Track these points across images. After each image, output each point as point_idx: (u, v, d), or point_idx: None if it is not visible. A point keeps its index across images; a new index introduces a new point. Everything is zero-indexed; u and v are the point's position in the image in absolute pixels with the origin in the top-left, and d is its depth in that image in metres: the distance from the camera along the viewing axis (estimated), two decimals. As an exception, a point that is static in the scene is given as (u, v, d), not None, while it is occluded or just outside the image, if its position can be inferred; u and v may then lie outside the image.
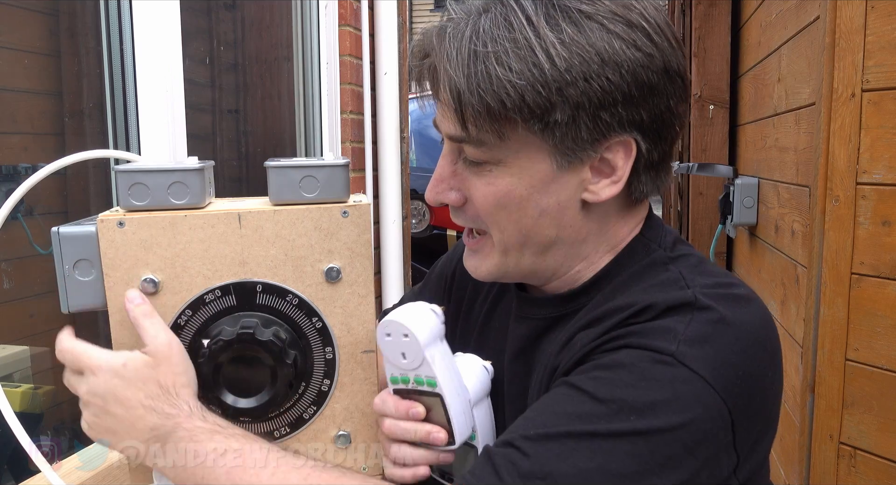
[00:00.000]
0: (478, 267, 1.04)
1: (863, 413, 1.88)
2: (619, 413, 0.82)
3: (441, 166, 1.00)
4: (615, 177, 0.95)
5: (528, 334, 1.07)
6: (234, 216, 0.99)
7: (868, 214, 1.84)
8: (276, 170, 1.01)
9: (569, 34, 0.87)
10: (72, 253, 0.96)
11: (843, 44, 1.85)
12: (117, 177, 0.97)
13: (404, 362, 0.99)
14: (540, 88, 0.87)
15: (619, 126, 0.91)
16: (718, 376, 0.84)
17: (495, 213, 0.96)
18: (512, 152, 0.92)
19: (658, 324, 0.88)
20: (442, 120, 0.97)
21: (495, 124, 0.89)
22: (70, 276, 0.97)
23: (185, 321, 1.00)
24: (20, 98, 2.11)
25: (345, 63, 2.97)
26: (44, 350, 2.14)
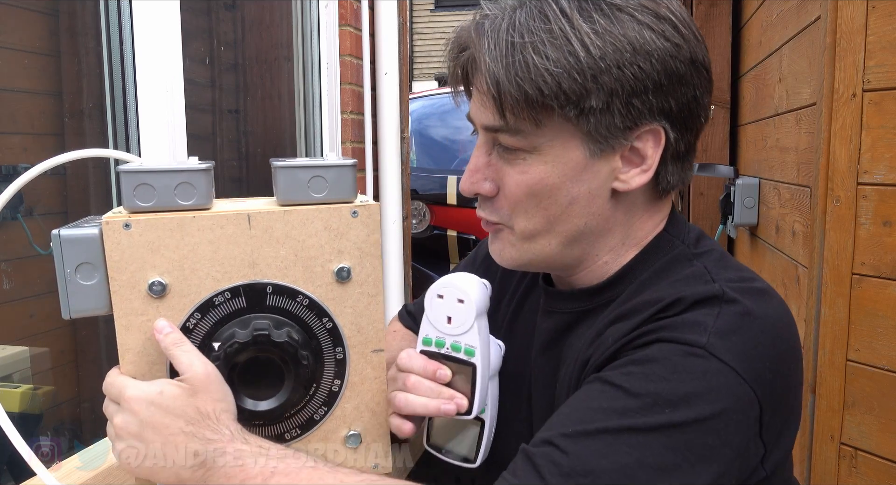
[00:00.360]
0: (502, 251, 1.06)
1: (864, 414, 1.88)
2: (654, 406, 0.84)
3: (476, 157, 1.02)
4: (645, 165, 0.98)
5: (555, 328, 1.09)
6: (244, 217, 0.98)
7: (869, 215, 1.84)
8: (284, 170, 1.01)
9: (601, 25, 0.91)
10: (74, 256, 0.94)
11: (844, 44, 1.85)
12: (121, 177, 0.95)
13: (448, 326, 1.02)
14: (576, 75, 0.91)
15: (650, 114, 0.95)
16: (748, 367, 0.86)
17: (526, 201, 0.99)
18: (547, 140, 0.96)
19: (687, 317, 0.90)
20: (478, 111, 1.00)
21: (533, 112, 0.93)
22: (72, 280, 0.94)
23: (194, 325, 0.98)
24: (20, 98, 2.11)
25: (345, 63, 2.97)
26: (43, 351, 2.14)
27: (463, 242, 5.21)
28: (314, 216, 1.01)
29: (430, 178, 5.38)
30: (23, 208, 2.07)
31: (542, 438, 0.87)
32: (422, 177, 5.35)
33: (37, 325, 2.13)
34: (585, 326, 1.04)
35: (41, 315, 2.10)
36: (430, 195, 5.31)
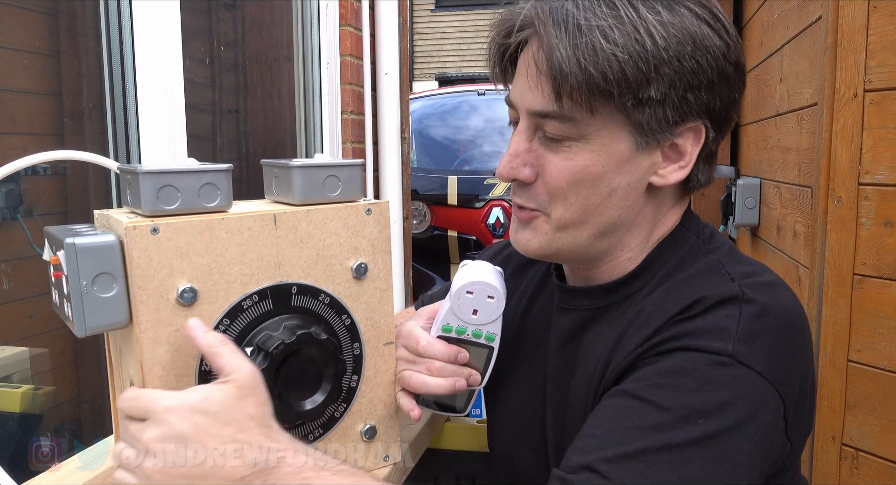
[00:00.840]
0: (530, 240, 1.05)
1: (865, 414, 1.88)
2: (689, 419, 0.84)
3: (517, 142, 1.01)
4: (683, 162, 1.00)
5: (571, 325, 1.09)
6: (270, 217, 0.97)
7: (870, 215, 1.83)
8: (303, 169, 1.01)
9: (665, 16, 0.92)
10: (91, 267, 0.87)
11: (845, 44, 1.85)
12: (142, 179, 0.89)
13: (473, 317, 1.08)
14: (641, 63, 0.91)
15: (697, 111, 0.96)
16: (774, 369, 0.88)
17: (567, 188, 0.99)
18: (596, 129, 0.96)
19: (709, 322, 0.90)
20: (525, 95, 0.99)
21: (591, 97, 0.93)
22: (89, 293, 0.87)
23: (223, 331, 0.95)
24: (20, 98, 2.11)
25: (345, 63, 2.97)
26: (43, 351, 2.14)
27: (463, 242, 5.21)
28: (334, 215, 1.02)
29: (430, 178, 5.38)
30: (22, 209, 2.06)
31: (579, 463, 0.85)
32: (422, 177, 5.35)
33: (36, 325, 2.12)
34: (604, 324, 1.04)
35: (41, 316, 2.10)
36: (431, 196, 5.31)
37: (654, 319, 0.95)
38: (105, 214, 0.95)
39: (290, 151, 2.98)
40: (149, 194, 0.90)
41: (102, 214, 0.96)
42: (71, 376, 2.21)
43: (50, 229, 0.92)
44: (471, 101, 5.91)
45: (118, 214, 0.94)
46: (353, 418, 1.08)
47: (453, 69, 14.08)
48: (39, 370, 2.14)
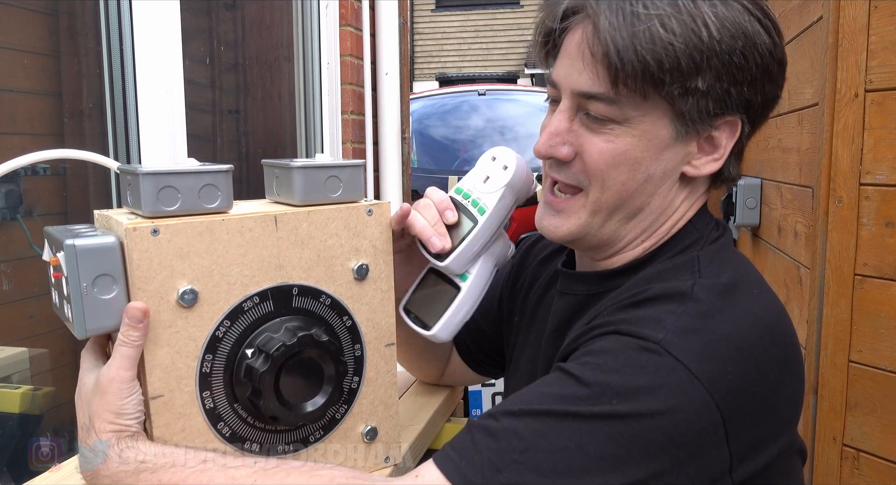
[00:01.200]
0: (559, 227, 1.05)
1: (866, 415, 1.87)
2: (602, 396, 0.83)
3: (558, 121, 1.01)
4: (717, 154, 1.01)
5: (565, 310, 1.11)
6: (271, 218, 0.96)
7: (871, 215, 1.83)
8: (304, 170, 1.00)
9: (720, 9, 0.93)
10: (91, 269, 0.86)
11: (847, 44, 1.84)
12: (142, 180, 0.88)
13: (481, 184, 1.10)
14: (695, 54, 0.92)
15: (737, 105, 0.97)
16: (705, 369, 0.84)
17: (606, 170, 0.99)
18: (641, 114, 0.96)
19: (648, 312, 0.90)
20: (572, 76, 0.99)
21: (645, 84, 0.93)
22: (89, 295, 0.86)
23: (224, 333, 0.94)
24: (20, 98, 2.11)
25: (345, 63, 2.97)
26: (43, 352, 2.14)
27: (464, 242, 5.20)
28: (335, 216, 1.01)
29: (430, 178, 5.38)
30: (22, 209, 2.06)
31: (487, 412, 0.88)
32: (423, 177, 5.34)
33: (36, 326, 2.12)
34: (594, 312, 1.04)
35: (40, 316, 2.10)
36: (431, 196, 5.30)
37: (605, 306, 0.97)
38: (105, 215, 0.94)
39: (291, 151, 2.98)
40: (149, 195, 0.89)
41: (102, 215, 0.95)
42: (71, 376, 2.19)
43: (50, 230, 0.91)
44: (471, 102, 5.91)
45: (118, 214, 0.93)
46: (353, 420, 1.08)
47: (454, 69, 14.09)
48: (39, 371, 2.13)
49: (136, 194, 0.90)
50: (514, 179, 1.09)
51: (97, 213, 0.96)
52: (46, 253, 0.91)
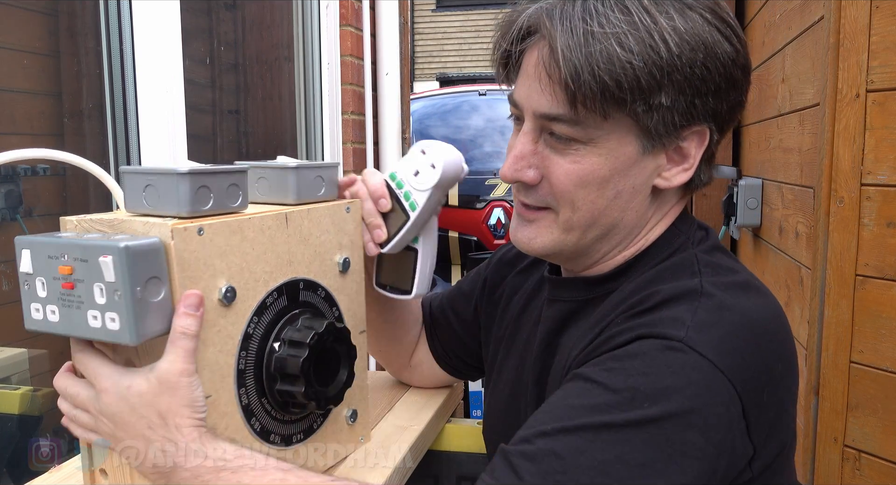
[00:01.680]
0: (532, 239, 1.05)
1: (867, 416, 1.87)
2: (633, 401, 0.83)
3: (522, 144, 1.01)
4: (686, 164, 1.00)
5: (556, 317, 1.10)
6: (283, 217, 1.00)
7: (872, 216, 1.83)
8: (301, 170, 1.04)
9: (679, 22, 0.92)
10: (142, 271, 0.83)
11: (848, 44, 1.84)
12: (183, 180, 0.87)
13: (412, 177, 1.14)
14: (655, 71, 0.91)
15: (703, 115, 0.97)
16: (725, 359, 0.85)
17: (574, 191, 0.98)
18: (605, 133, 0.95)
19: (665, 313, 0.90)
20: (533, 97, 0.98)
21: (605, 104, 0.92)
22: (142, 299, 0.83)
23: (254, 329, 0.97)
24: (19, 98, 2.10)
25: (346, 63, 2.97)
26: (42, 352, 2.13)
27: (465, 243, 5.19)
28: (326, 213, 1.07)
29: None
30: (22, 209, 2.06)
31: (520, 436, 0.87)
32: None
33: (36, 326, 2.12)
34: (584, 317, 1.05)
35: (40, 317, 2.09)
36: (432, 196, 5.29)
37: (612, 310, 0.96)
38: (104, 219, 0.92)
39: (291, 151, 2.98)
40: (189, 195, 0.88)
41: (90, 220, 0.92)
42: (70, 377, 2.20)
43: (42, 239, 0.87)
44: (472, 102, 5.89)
45: (136, 216, 0.91)
46: (341, 404, 1.11)
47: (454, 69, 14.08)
48: (38, 372, 2.13)
49: (171, 194, 0.89)
50: (442, 180, 1.13)
51: (68, 219, 0.93)
52: (26, 264, 0.87)
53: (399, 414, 1.37)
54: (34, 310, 0.89)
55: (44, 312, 0.88)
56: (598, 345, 0.93)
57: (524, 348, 1.18)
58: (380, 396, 1.45)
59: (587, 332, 0.99)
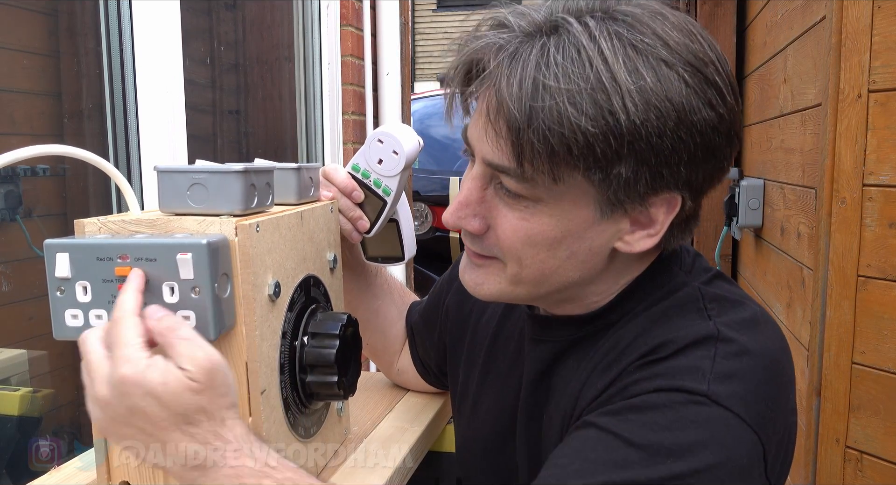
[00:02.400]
0: (479, 285, 0.97)
1: (869, 417, 1.87)
2: (656, 457, 0.79)
3: (468, 190, 0.91)
4: (652, 230, 0.91)
5: (546, 358, 1.03)
6: (299, 215, 1.02)
7: (875, 216, 1.83)
8: (298, 171, 1.06)
9: (648, 83, 0.80)
10: (217, 268, 0.83)
11: (850, 44, 1.84)
12: (237, 178, 0.87)
13: (377, 166, 1.18)
14: (612, 139, 0.80)
15: (674, 184, 0.86)
16: (752, 411, 0.82)
17: (521, 249, 0.90)
18: (557, 194, 0.86)
19: (681, 363, 0.85)
20: (482, 142, 0.88)
21: (553, 167, 0.83)
22: (217, 296, 0.84)
23: (287, 323, 0.98)
24: (19, 99, 2.10)
25: (346, 63, 2.96)
26: (42, 354, 2.13)
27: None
28: (321, 213, 1.10)
29: (431, 179, 5.37)
30: (21, 210, 2.05)
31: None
32: (424, 178, 5.33)
33: (35, 327, 2.11)
34: (578, 356, 0.99)
35: (40, 318, 2.08)
36: (432, 197, 5.30)
37: (625, 355, 0.90)
38: (141, 220, 0.90)
39: (292, 152, 2.97)
40: (242, 193, 0.89)
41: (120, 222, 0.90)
42: (70, 378, 2.20)
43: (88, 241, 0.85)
44: (473, 102, 5.89)
45: (177, 216, 0.90)
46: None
47: (455, 70, 14.04)
48: (38, 373, 2.13)
49: (225, 192, 0.89)
50: (407, 163, 1.18)
51: (87, 222, 0.91)
52: (63, 268, 0.84)
53: (399, 415, 1.37)
54: (70, 316, 0.86)
55: (85, 318, 0.85)
56: (611, 394, 0.87)
57: (504, 384, 1.12)
58: (380, 397, 1.45)
59: (589, 374, 0.94)
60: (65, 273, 0.84)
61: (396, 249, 1.30)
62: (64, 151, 1.00)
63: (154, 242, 0.83)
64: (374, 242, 1.28)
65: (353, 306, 1.32)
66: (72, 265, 0.84)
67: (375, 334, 1.41)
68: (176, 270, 0.82)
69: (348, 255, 1.27)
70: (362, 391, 1.21)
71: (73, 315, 0.86)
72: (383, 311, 1.40)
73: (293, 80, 2.97)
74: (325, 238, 1.11)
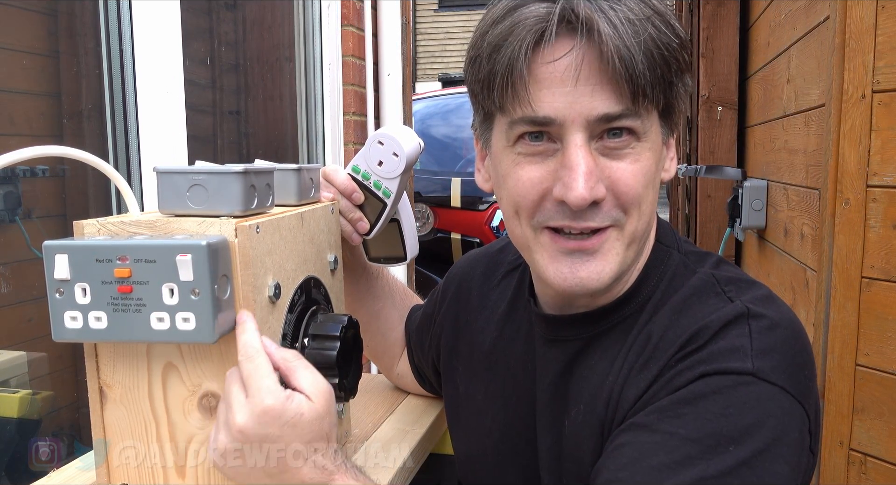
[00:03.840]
0: (602, 272, 0.92)
1: (873, 419, 1.86)
2: (718, 446, 0.80)
3: (584, 158, 0.88)
4: (671, 154, 0.97)
5: (561, 358, 1.02)
6: (300, 216, 1.01)
7: (878, 217, 1.82)
8: (298, 172, 1.05)
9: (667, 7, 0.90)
10: (217, 269, 0.84)
11: (854, 44, 1.83)
12: (236, 179, 0.88)
13: (378, 168, 1.18)
14: (685, 51, 0.90)
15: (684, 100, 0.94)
16: (794, 382, 0.85)
17: (643, 194, 0.91)
18: (650, 124, 0.91)
19: (721, 346, 0.86)
20: (581, 103, 0.87)
21: (661, 89, 0.88)
22: (217, 297, 0.84)
23: (287, 325, 0.98)
24: (18, 99, 2.10)
25: (347, 64, 2.96)
26: (41, 355, 2.13)
27: (467, 245, 5.19)
28: (322, 213, 1.09)
29: (433, 180, 5.37)
30: (20, 211, 2.05)
31: None
32: (425, 179, 5.33)
33: (35, 329, 2.12)
34: (598, 355, 0.98)
35: (39, 319, 2.09)
36: (434, 198, 5.29)
37: (661, 350, 0.90)
38: (140, 221, 0.90)
39: (292, 152, 2.97)
40: (242, 194, 0.89)
41: (119, 223, 0.91)
42: (69, 380, 2.20)
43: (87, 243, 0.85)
44: (474, 102, 5.89)
45: (176, 217, 0.90)
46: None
47: (457, 70, 14.08)
48: (37, 375, 2.13)
49: (225, 194, 0.89)
50: (408, 165, 1.18)
51: (86, 223, 0.91)
52: (62, 270, 0.85)
53: (401, 417, 1.37)
54: (69, 318, 0.86)
55: (84, 320, 0.86)
56: (657, 390, 0.88)
57: (515, 391, 1.10)
58: (381, 399, 1.45)
59: (628, 374, 0.93)
60: (64, 275, 0.84)
61: (398, 249, 1.30)
62: (63, 152, 1.01)
63: (153, 243, 0.83)
64: (376, 243, 1.28)
65: (353, 308, 1.32)
66: (71, 267, 0.84)
67: (376, 337, 1.40)
68: (176, 272, 0.82)
69: (349, 256, 1.26)
70: (363, 393, 1.20)
71: (72, 317, 0.86)
72: (384, 313, 1.39)
73: (294, 81, 2.97)
74: (325, 239, 1.11)
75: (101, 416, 0.95)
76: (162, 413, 0.93)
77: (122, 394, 0.94)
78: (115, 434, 0.95)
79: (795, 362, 0.86)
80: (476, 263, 1.28)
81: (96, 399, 0.95)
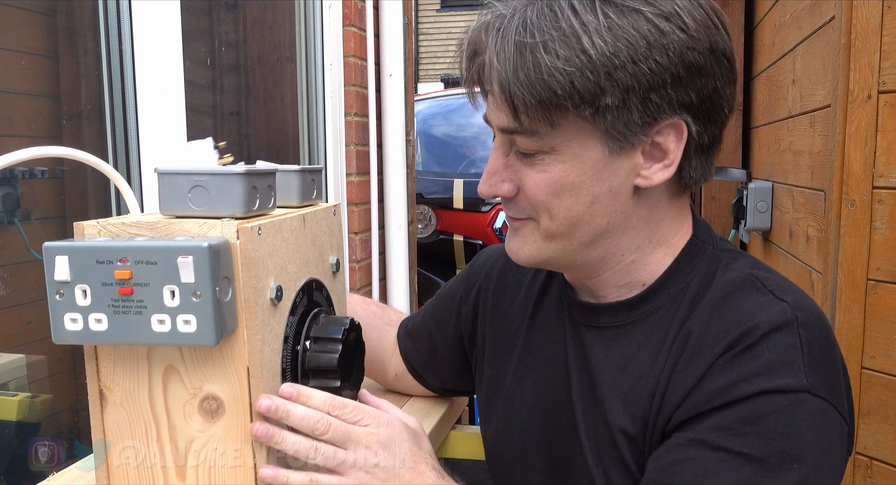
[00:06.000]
0: (519, 249, 1.04)
1: (879, 423, 1.86)
2: (782, 465, 0.85)
3: (494, 159, 1.01)
4: (667, 161, 0.97)
5: (595, 343, 1.07)
6: (301, 218, 1.01)
7: (884, 219, 1.82)
8: (300, 173, 1.06)
9: (614, 19, 0.89)
10: (219, 271, 0.84)
11: (859, 45, 1.83)
12: (239, 181, 0.88)
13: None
14: (588, 74, 0.89)
15: (669, 108, 0.93)
16: (837, 395, 0.91)
17: (548, 200, 0.97)
18: (564, 139, 0.94)
19: (774, 358, 0.90)
20: (493, 114, 0.99)
21: (547, 113, 0.91)
22: (219, 299, 0.84)
23: (289, 328, 0.98)
24: (17, 100, 2.10)
25: (349, 64, 2.95)
26: (41, 358, 2.13)
27: (469, 247, 5.17)
28: (324, 215, 1.10)
29: (435, 181, 5.36)
30: (20, 212, 2.05)
31: None
32: (427, 180, 5.32)
33: (34, 332, 2.12)
34: (632, 344, 1.04)
35: (38, 322, 2.09)
36: (436, 199, 5.28)
37: (706, 346, 0.94)
38: (141, 222, 0.90)
39: (294, 153, 2.97)
40: (244, 196, 0.89)
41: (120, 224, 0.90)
42: (69, 383, 2.20)
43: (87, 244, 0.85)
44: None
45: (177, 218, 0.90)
46: None
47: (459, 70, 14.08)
48: (37, 378, 2.13)
49: (227, 195, 0.89)
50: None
51: (87, 224, 0.91)
52: (63, 271, 0.84)
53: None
54: (69, 320, 0.86)
55: (84, 322, 0.86)
56: (710, 395, 0.92)
57: (549, 375, 1.14)
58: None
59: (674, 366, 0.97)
60: (64, 276, 0.84)
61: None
62: (63, 153, 1.00)
63: (154, 244, 0.83)
64: None
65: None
66: (71, 268, 0.84)
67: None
68: (177, 274, 0.82)
69: None
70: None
71: (72, 319, 0.85)
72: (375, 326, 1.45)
73: (295, 81, 2.97)
74: (327, 241, 1.10)
75: (101, 418, 0.94)
76: (162, 416, 0.92)
77: (123, 397, 0.93)
78: (115, 437, 0.94)
79: (835, 372, 0.92)
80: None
81: (96, 402, 0.94)
